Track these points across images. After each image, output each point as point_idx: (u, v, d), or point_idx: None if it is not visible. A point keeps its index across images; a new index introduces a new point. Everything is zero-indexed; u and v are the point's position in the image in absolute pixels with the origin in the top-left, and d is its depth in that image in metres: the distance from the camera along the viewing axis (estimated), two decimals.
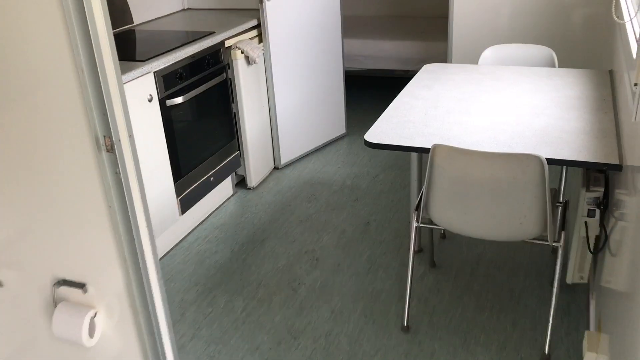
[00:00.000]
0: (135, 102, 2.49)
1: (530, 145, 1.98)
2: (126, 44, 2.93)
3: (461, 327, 2.28)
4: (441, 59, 4.35)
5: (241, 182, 3.51)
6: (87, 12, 1.23)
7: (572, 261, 2.22)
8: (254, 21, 3.33)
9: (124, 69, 2.44)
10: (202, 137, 2.97)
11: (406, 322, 2.30)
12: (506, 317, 2.32)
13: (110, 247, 1.51)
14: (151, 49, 2.74)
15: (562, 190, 2.44)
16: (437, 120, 2.23)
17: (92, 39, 1.24)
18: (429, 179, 2.02)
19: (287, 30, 3.44)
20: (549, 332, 2.10)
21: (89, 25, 1.23)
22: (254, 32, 3.32)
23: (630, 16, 2.21)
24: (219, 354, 2.23)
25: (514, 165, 1.84)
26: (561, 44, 3.39)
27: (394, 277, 2.60)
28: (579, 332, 2.22)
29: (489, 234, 2.01)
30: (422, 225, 2.19)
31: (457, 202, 1.99)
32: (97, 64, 1.26)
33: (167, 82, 2.68)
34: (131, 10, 3.31)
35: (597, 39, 3.34)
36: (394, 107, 2.39)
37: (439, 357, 2.15)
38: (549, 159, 1.86)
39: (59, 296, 1.67)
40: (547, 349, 2.11)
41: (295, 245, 2.89)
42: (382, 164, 3.68)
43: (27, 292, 1.71)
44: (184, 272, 2.74)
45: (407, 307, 2.29)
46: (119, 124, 1.32)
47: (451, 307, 2.40)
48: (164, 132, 2.69)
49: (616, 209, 1.88)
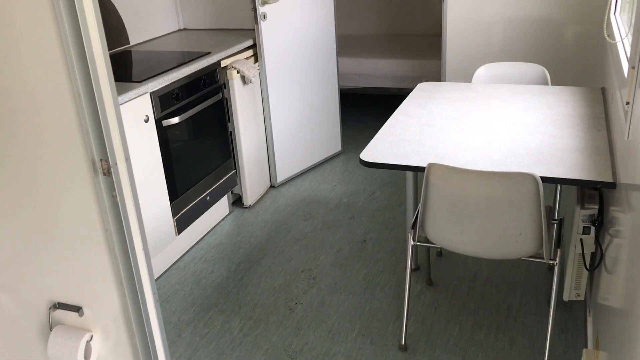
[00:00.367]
0: (131, 123, 2.50)
1: (524, 163, 1.99)
2: (123, 65, 2.94)
3: (459, 345, 2.28)
4: (435, 77, 4.38)
5: (237, 201, 3.51)
6: (84, 38, 1.24)
7: (568, 278, 2.22)
8: (250, 41, 3.36)
9: (120, 90, 2.45)
10: (199, 157, 2.98)
11: (404, 341, 2.29)
12: (504, 335, 2.31)
13: (106, 270, 1.51)
14: (147, 70, 2.76)
15: (557, 207, 2.45)
16: (432, 138, 2.25)
17: (89, 65, 1.25)
18: (425, 198, 2.03)
19: (282, 49, 3.47)
20: (547, 350, 2.10)
21: (86, 50, 1.25)
22: (249, 52, 3.35)
23: (621, 36, 2.24)
24: None
25: (508, 184, 1.85)
26: (553, 62, 3.43)
27: (391, 295, 2.60)
28: (577, 350, 2.21)
29: (485, 252, 2.02)
30: (418, 243, 2.19)
31: (453, 220, 2.00)
32: (94, 89, 1.27)
33: (164, 103, 2.70)
34: (127, 30, 3.34)
35: (589, 56, 3.38)
36: (389, 126, 2.41)
37: None
38: (543, 177, 1.87)
39: (55, 319, 1.67)
40: None
41: (291, 264, 2.88)
42: (378, 181, 3.69)
43: (23, 316, 1.70)
44: (180, 292, 2.72)
45: (405, 325, 2.28)
46: (115, 148, 1.33)
47: (449, 325, 2.39)
48: (160, 152, 2.70)
49: (611, 226, 1.89)
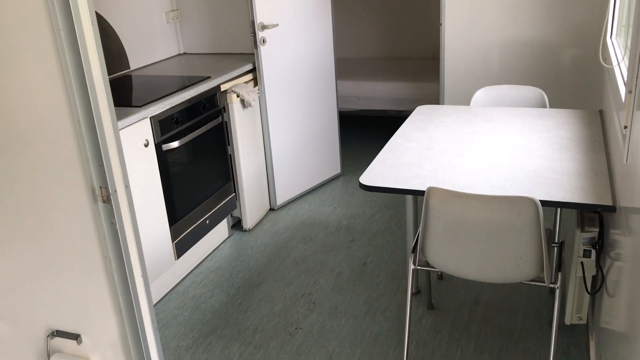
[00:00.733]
0: (131, 148, 2.51)
1: (524, 187, 2.00)
2: (123, 90, 2.96)
3: None
4: (434, 99, 4.41)
5: (237, 224, 3.51)
6: (84, 66, 1.25)
7: (569, 302, 2.21)
8: (249, 65, 3.38)
9: (120, 115, 2.46)
10: (198, 180, 2.98)
11: None
12: None
13: (105, 297, 1.50)
14: (148, 94, 2.78)
15: (557, 230, 2.45)
16: (431, 162, 2.25)
17: (90, 93, 1.26)
18: (425, 222, 2.03)
19: (281, 73, 3.50)
20: None
21: (87, 79, 1.25)
22: (249, 76, 3.37)
23: (617, 60, 2.26)
24: None
25: (508, 207, 1.85)
26: (551, 85, 3.46)
27: (391, 319, 2.58)
28: None
29: (485, 276, 2.01)
30: (419, 267, 2.18)
31: (453, 244, 1.99)
32: (94, 117, 1.28)
33: (164, 127, 2.71)
34: (128, 55, 3.36)
35: (586, 79, 3.41)
36: (388, 149, 2.42)
37: None
38: (543, 201, 1.87)
39: (53, 348, 1.65)
40: None
41: (291, 288, 2.87)
42: (377, 204, 3.69)
43: (21, 344, 1.69)
44: (179, 317, 2.70)
45: (406, 350, 2.26)
46: (115, 175, 1.33)
47: (450, 350, 2.37)
48: (159, 176, 2.70)
49: (612, 249, 1.89)
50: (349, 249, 3.19)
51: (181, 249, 2.89)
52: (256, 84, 3.43)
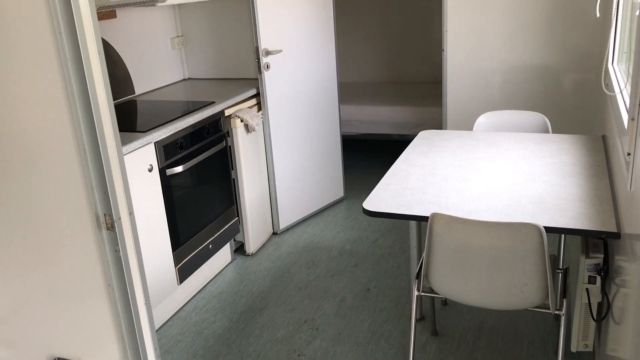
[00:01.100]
0: (135, 173, 2.52)
1: (527, 213, 1.99)
2: (128, 115, 2.98)
3: None
4: (436, 124, 4.43)
5: (240, 249, 3.50)
6: (90, 94, 1.27)
7: (575, 329, 2.19)
8: (253, 90, 3.41)
9: (125, 140, 2.48)
10: (202, 205, 2.99)
11: None
12: None
13: (108, 325, 1.49)
14: (152, 120, 2.80)
15: (562, 256, 2.44)
16: (435, 187, 2.26)
17: (95, 121, 1.27)
18: (429, 248, 2.02)
19: (285, 98, 3.52)
20: None
21: (92, 107, 1.27)
22: (253, 101, 3.40)
23: (620, 88, 2.27)
24: None
25: (512, 234, 1.84)
26: (553, 110, 3.47)
27: (395, 346, 2.56)
28: None
29: (490, 302, 1.99)
30: (423, 294, 2.17)
31: (457, 270, 1.98)
32: (99, 144, 1.29)
33: (168, 152, 2.72)
34: (133, 80, 3.40)
35: (588, 104, 3.42)
36: (392, 174, 2.42)
37: None
38: (547, 227, 1.87)
39: None
40: None
41: (294, 313, 2.85)
42: (380, 228, 3.68)
43: None
44: (182, 343, 2.68)
45: None
46: (119, 203, 1.33)
47: None
48: (163, 201, 2.70)
49: (617, 275, 1.88)
50: (352, 273, 3.18)
51: (184, 273, 2.88)
52: (260, 109, 3.45)
